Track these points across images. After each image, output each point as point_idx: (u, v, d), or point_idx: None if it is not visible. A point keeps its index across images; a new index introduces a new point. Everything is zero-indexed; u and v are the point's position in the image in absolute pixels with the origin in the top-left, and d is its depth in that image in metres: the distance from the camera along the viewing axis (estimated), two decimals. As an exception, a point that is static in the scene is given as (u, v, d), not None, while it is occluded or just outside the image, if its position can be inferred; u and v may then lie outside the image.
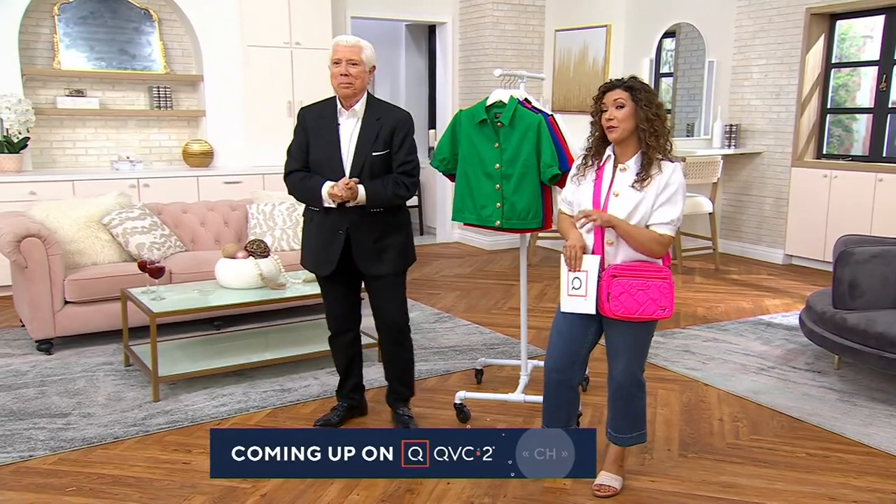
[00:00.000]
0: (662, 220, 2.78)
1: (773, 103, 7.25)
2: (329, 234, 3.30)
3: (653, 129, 2.76)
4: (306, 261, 3.47)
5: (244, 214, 5.52)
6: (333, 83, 3.22)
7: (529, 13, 7.83)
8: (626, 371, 2.92)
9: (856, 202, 6.61)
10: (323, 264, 3.36)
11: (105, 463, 3.22)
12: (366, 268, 3.34)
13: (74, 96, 6.46)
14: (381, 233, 3.32)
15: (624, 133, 2.79)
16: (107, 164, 6.66)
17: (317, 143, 3.28)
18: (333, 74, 3.20)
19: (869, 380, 4.19)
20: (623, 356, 2.92)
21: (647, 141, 2.77)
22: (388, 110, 3.31)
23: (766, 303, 5.84)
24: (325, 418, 3.58)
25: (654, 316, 2.81)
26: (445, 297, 5.91)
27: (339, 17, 7.35)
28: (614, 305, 2.79)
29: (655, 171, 2.79)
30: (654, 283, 2.79)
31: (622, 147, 2.84)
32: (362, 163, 3.23)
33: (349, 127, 3.27)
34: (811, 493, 3.02)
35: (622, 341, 2.90)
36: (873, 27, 7.02)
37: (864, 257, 4.07)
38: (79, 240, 4.81)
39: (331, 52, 3.22)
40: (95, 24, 6.52)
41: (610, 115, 2.78)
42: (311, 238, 3.40)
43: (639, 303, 2.78)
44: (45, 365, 4.36)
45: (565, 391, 3.03)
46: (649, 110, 2.75)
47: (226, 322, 5.01)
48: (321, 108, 3.34)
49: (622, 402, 2.98)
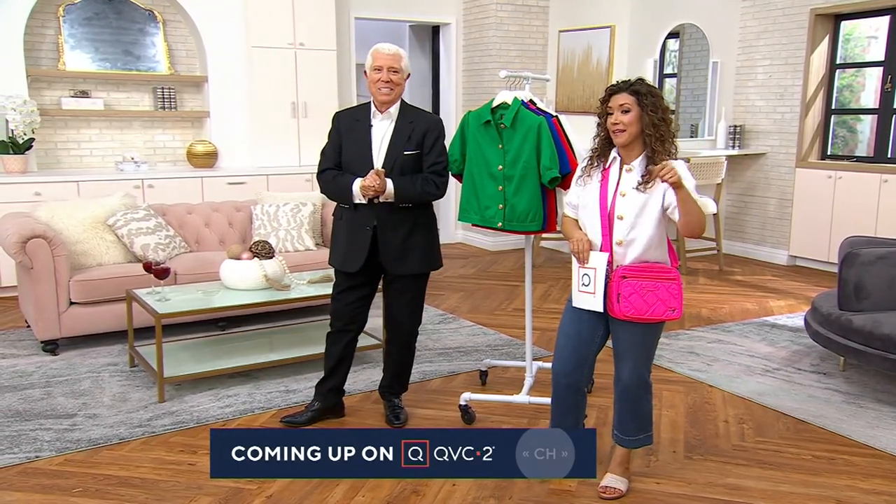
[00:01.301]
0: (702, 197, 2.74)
1: (777, 104, 7.24)
2: (357, 230, 3.38)
3: (658, 135, 2.77)
4: (334, 258, 3.52)
5: (248, 215, 5.53)
6: (372, 88, 3.33)
7: (533, 14, 7.83)
8: (634, 372, 2.92)
9: (860, 203, 6.60)
10: (350, 261, 3.42)
11: (111, 464, 3.23)
12: (391, 266, 3.42)
13: (79, 97, 6.47)
14: (408, 231, 3.40)
15: (629, 137, 2.80)
16: (111, 164, 6.67)
17: (349, 145, 3.40)
18: (373, 80, 3.31)
19: (874, 381, 4.19)
20: (631, 357, 2.91)
21: (652, 146, 2.78)
22: (421, 114, 3.46)
23: (771, 304, 5.83)
24: (292, 418, 3.59)
25: (663, 317, 2.81)
26: (450, 298, 5.91)
27: (342, 18, 7.36)
28: (624, 306, 2.79)
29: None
30: (663, 284, 2.80)
31: (627, 149, 2.85)
32: (393, 162, 3.33)
33: (382, 129, 3.38)
34: (818, 495, 3.01)
35: (630, 342, 2.90)
36: (878, 28, 7.01)
37: (870, 259, 4.06)
38: (84, 240, 4.81)
39: (370, 59, 3.34)
40: (100, 25, 6.53)
41: (616, 120, 2.79)
42: (340, 235, 3.47)
43: (648, 304, 2.78)
44: (50, 366, 4.37)
45: (573, 395, 3.03)
46: (655, 115, 2.76)
47: (230, 323, 5.01)
48: (355, 111, 3.49)
49: (629, 404, 2.98)
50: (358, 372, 4.26)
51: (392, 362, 3.69)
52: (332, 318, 3.59)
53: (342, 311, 3.55)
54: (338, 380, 3.65)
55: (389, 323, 3.65)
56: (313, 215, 5.50)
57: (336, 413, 3.71)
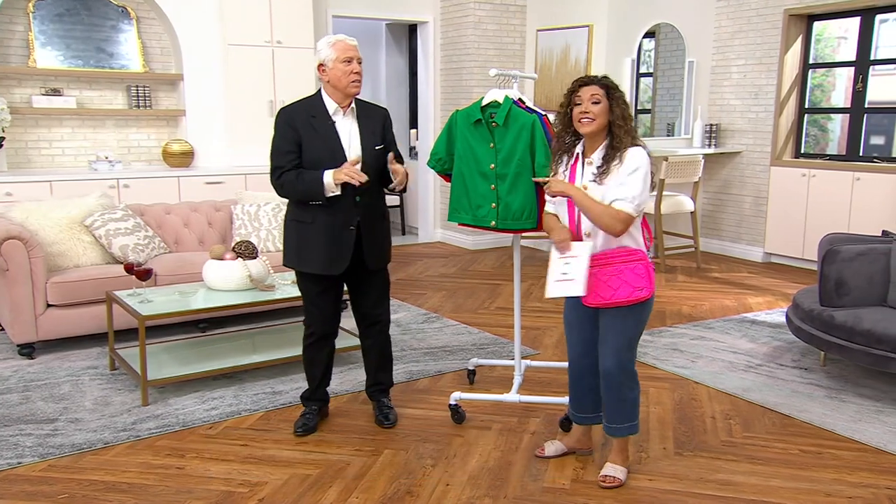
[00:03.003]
0: (619, 196, 2.82)
1: (752, 103, 7.33)
2: (340, 230, 3.28)
3: (627, 127, 2.87)
4: (308, 263, 3.34)
5: (228, 215, 5.46)
6: (342, 81, 3.21)
7: (511, 13, 7.83)
8: (615, 358, 2.95)
9: (834, 201, 6.71)
10: (335, 263, 3.31)
11: (96, 469, 3.16)
12: (372, 262, 3.39)
13: (51, 95, 6.34)
14: (381, 225, 3.42)
15: (598, 127, 2.88)
16: (84, 164, 6.54)
17: (313, 143, 3.25)
18: (344, 73, 3.20)
19: (855, 376, 4.25)
20: (609, 343, 2.96)
21: (620, 136, 2.85)
22: (371, 107, 3.44)
23: (749, 300, 5.90)
24: (305, 425, 3.50)
25: (630, 297, 2.85)
26: (432, 298, 5.89)
27: (320, 15, 7.30)
28: (591, 295, 2.87)
29: (616, 162, 2.85)
30: (627, 266, 2.88)
31: (591, 141, 2.93)
32: (368, 158, 3.29)
33: (346, 125, 3.31)
34: (807, 489, 3.05)
35: (609, 327, 2.95)
36: (847, 28, 7.14)
37: (851, 255, 4.12)
38: (60, 241, 4.72)
39: (333, 52, 3.22)
40: (71, 22, 6.41)
41: (586, 109, 2.86)
42: (315, 238, 3.29)
43: (612, 288, 2.85)
44: (27, 370, 4.27)
45: (588, 379, 3.12)
46: (625, 109, 2.87)
47: (211, 324, 4.95)
48: (307, 107, 3.30)
49: (613, 392, 3.00)
50: (344, 373, 4.23)
51: (374, 357, 3.63)
52: (312, 326, 3.47)
53: (322, 318, 3.45)
54: (327, 381, 3.62)
55: (365, 319, 3.55)
56: (294, 215, 5.44)
57: (324, 412, 3.68)
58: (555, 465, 3.22)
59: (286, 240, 3.41)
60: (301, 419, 3.54)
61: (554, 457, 3.26)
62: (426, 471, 3.16)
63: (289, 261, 3.42)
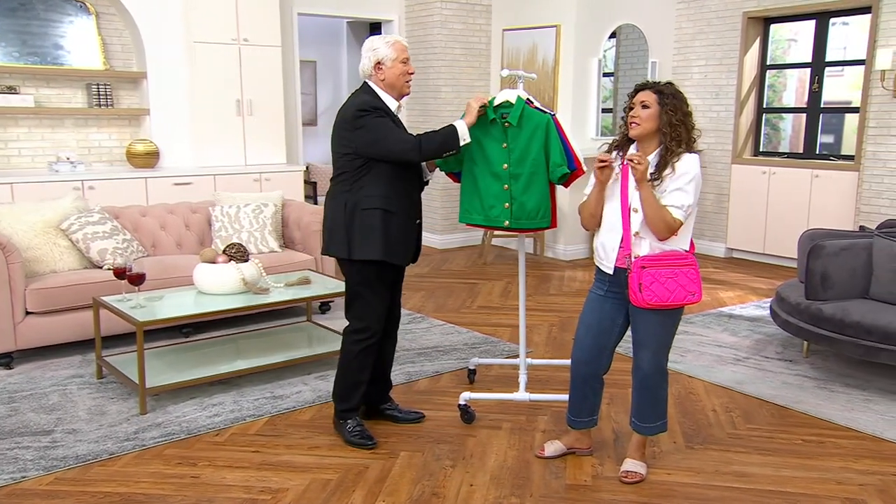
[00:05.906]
0: (673, 203, 2.85)
1: (712, 103, 7.52)
2: (411, 222, 3.34)
3: (675, 134, 2.87)
4: (393, 254, 3.26)
5: (206, 217, 5.33)
6: (399, 80, 3.28)
7: (477, 12, 7.85)
8: (653, 360, 3.00)
9: (793, 197, 6.94)
10: (410, 255, 3.40)
11: (107, 481, 3.05)
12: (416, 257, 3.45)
13: (6, 93, 6.06)
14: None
15: (644, 132, 2.91)
16: (43, 165, 6.29)
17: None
18: (401, 72, 3.28)
19: (838, 367, 4.41)
20: (650, 345, 2.99)
21: (667, 144, 2.88)
22: None
23: (721, 295, 6.05)
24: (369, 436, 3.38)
25: (684, 301, 2.89)
26: (412, 298, 5.86)
27: (286, 13, 7.18)
28: (647, 294, 2.86)
29: (668, 171, 2.88)
30: (682, 270, 2.89)
31: (643, 145, 2.96)
32: None
33: (402, 117, 3.45)
34: (819, 478, 3.14)
35: (650, 330, 2.98)
36: (797, 31, 7.40)
37: (835, 250, 4.27)
38: (35, 246, 4.52)
39: (392, 51, 3.26)
40: (27, 17, 6.15)
41: (635, 114, 2.91)
42: (399, 229, 3.26)
43: (669, 290, 2.86)
44: (8, 381, 4.09)
45: (592, 382, 3.14)
46: (674, 115, 2.87)
47: (196, 329, 4.82)
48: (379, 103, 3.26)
49: (648, 392, 3.05)
50: (342, 375, 4.18)
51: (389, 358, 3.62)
52: (371, 325, 3.32)
53: (382, 315, 3.36)
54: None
55: (391, 317, 3.51)
56: (275, 216, 5.35)
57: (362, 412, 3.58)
58: (572, 462, 3.25)
59: (363, 229, 3.21)
60: (358, 434, 3.38)
61: (554, 457, 3.28)
62: (446, 472, 3.15)
63: (369, 252, 3.21)
